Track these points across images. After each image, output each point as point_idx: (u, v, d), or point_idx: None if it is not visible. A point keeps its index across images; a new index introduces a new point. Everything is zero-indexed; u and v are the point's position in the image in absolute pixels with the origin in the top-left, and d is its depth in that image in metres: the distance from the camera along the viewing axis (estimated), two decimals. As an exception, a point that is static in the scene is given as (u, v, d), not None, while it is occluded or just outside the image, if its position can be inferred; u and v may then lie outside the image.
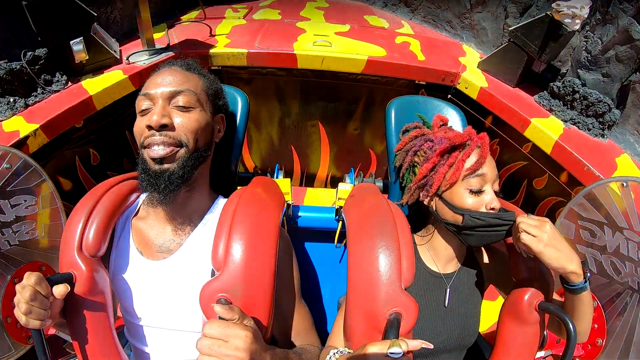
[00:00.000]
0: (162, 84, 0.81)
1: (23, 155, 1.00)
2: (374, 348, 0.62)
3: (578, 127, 1.47)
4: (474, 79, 1.78)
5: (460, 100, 1.86)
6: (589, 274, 0.77)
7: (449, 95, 1.92)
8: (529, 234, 0.75)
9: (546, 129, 1.47)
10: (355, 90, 2.04)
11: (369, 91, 2.05)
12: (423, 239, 0.97)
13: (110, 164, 1.76)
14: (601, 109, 1.40)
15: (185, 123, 0.80)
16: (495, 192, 0.85)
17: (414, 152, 0.93)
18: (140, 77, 1.64)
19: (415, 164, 0.92)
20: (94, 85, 1.50)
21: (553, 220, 1.05)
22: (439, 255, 0.95)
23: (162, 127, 0.77)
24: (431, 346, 0.65)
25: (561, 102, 1.54)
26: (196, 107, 0.82)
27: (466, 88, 1.81)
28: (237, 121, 1.05)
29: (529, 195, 1.68)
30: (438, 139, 0.89)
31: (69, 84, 1.50)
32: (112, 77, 1.57)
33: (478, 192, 0.83)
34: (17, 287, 0.65)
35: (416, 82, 1.90)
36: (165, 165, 0.78)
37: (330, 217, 1.22)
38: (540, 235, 0.74)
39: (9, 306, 0.90)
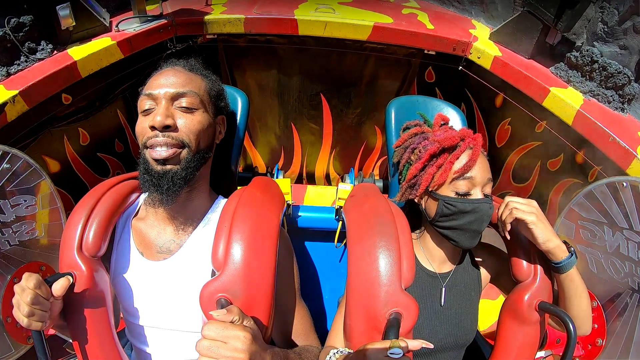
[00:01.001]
0: (166, 84, 0.81)
1: (23, 156, 1.00)
2: (374, 348, 0.62)
3: (597, 99, 1.38)
4: (486, 48, 1.67)
5: (472, 71, 1.76)
6: (572, 248, 0.81)
7: (460, 67, 1.80)
8: (519, 210, 0.79)
9: (566, 98, 1.37)
10: (360, 60, 1.92)
11: (375, 61, 1.92)
12: (416, 237, 0.98)
13: (101, 145, 1.68)
14: (621, 81, 1.33)
15: (189, 124, 0.80)
16: (487, 196, 0.85)
17: (412, 150, 0.93)
18: (130, 44, 1.55)
19: (411, 161, 0.92)
20: (79, 52, 1.41)
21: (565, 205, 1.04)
22: (432, 255, 0.95)
23: (165, 128, 0.77)
24: (431, 346, 0.65)
25: (579, 73, 1.46)
26: (199, 109, 0.83)
27: (479, 58, 1.69)
28: (237, 121, 1.05)
29: (542, 178, 1.59)
30: (431, 140, 0.89)
31: (55, 52, 1.41)
32: (99, 43, 1.48)
33: (465, 195, 0.83)
34: (16, 288, 0.65)
35: (425, 52, 1.80)
36: (168, 166, 0.78)
37: (330, 217, 1.22)
38: (530, 210, 0.78)
39: (9, 306, 0.90)
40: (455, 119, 1.11)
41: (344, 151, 2.34)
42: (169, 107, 0.80)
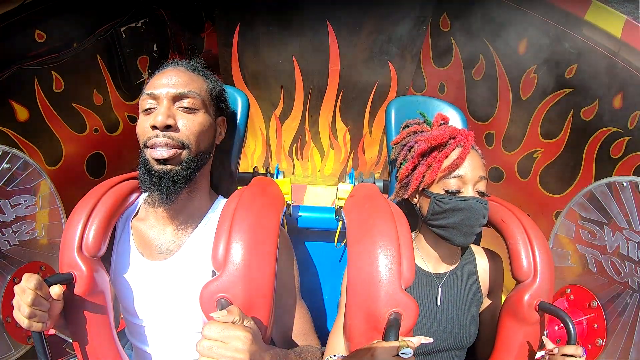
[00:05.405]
0: (168, 84, 0.81)
1: (23, 156, 1.00)
2: (383, 348, 0.62)
3: (638, 23, 1.20)
4: None
5: None
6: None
7: None
8: None
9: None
10: None
11: None
12: (412, 237, 0.98)
13: (77, 93, 1.48)
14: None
15: (189, 125, 0.80)
16: (482, 194, 0.85)
17: (408, 148, 0.93)
18: None
19: (407, 159, 0.93)
20: None
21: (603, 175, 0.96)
22: (428, 255, 0.95)
23: (166, 128, 0.77)
24: (431, 340, 0.66)
25: None
26: (200, 110, 0.83)
27: None
28: (238, 121, 1.05)
29: (575, 130, 1.42)
30: (421, 139, 0.89)
31: None
32: None
33: (456, 194, 0.84)
34: (16, 289, 0.65)
35: None
36: (169, 166, 0.78)
37: (330, 217, 1.22)
38: None
39: (9, 306, 0.90)
40: (455, 119, 1.10)
41: (353, 92, 2.05)
42: (171, 107, 0.79)
